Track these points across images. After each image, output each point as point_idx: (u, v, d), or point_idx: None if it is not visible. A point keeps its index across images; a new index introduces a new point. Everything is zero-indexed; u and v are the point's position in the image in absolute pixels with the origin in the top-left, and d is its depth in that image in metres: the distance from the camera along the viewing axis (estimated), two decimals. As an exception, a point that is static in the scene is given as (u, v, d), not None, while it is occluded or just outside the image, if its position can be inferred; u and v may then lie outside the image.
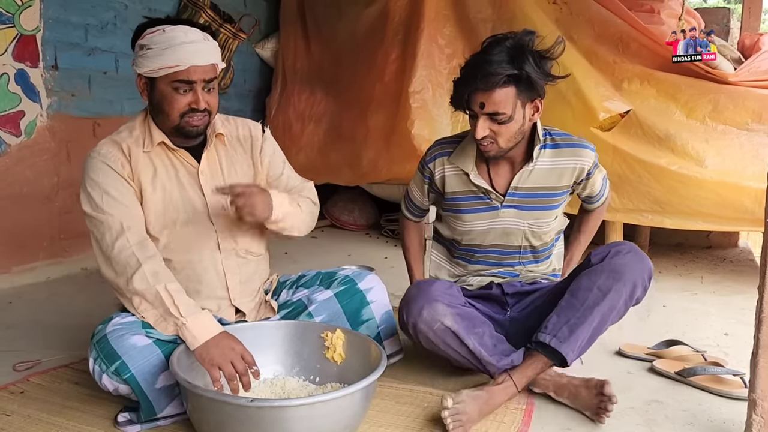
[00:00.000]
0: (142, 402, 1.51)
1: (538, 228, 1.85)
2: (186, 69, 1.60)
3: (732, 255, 3.89)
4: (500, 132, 1.70)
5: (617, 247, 1.69)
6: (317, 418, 1.35)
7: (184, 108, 1.64)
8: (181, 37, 1.61)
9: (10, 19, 2.93)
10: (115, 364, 1.50)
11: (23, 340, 2.26)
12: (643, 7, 3.85)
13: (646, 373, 2.00)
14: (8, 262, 3.01)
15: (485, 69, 1.63)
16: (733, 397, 1.79)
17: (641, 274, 1.65)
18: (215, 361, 1.47)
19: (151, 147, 1.71)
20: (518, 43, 1.66)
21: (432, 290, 1.69)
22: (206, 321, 1.54)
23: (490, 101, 1.65)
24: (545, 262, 1.96)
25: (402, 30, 4.02)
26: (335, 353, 1.71)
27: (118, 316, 1.62)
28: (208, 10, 3.86)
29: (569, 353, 1.61)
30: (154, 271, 1.56)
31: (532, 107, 1.73)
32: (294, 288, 1.95)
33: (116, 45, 3.51)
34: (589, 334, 1.62)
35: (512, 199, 1.83)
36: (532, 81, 1.64)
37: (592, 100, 3.31)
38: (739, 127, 3.12)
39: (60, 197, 3.25)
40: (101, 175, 1.66)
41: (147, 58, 1.61)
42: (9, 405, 1.71)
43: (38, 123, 3.11)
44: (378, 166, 3.90)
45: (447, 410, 1.53)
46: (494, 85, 1.63)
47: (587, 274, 1.67)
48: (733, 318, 2.61)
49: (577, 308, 1.63)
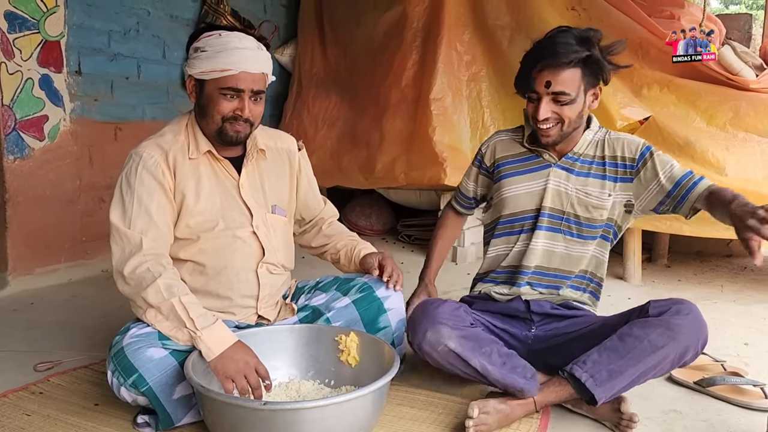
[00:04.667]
0: (160, 414, 1.53)
1: (586, 195, 1.80)
2: (236, 74, 1.62)
3: (753, 264, 3.84)
4: (563, 113, 1.72)
5: (679, 305, 1.63)
6: (330, 420, 1.36)
7: (228, 113, 1.66)
8: (236, 42, 1.64)
9: (35, 25, 2.99)
10: (132, 377, 1.50)
11: (44, 340, 2.29)
12: (663, 13, 3.82)
13: (664, 383, 1.98)
14: (31, 264, 3.06)
15: (556, 48, 1.67)
16: (752, 408, 1.76)
17: (696, 339, 1.59)
18: (229, 374, 1.47)
19: (197, 155, 1.72)
20: (584, 33, 1.72)
21: (437, 313, 1.66)
22: (221, 332, 1.54)
23: (557, 80, 1.68)
24: (589, 243, 1.83)
25: (420, 36, 4.04)
26: (349, 356, 1.72)
27: (135, 326, 1.62)
28: (229, 17, 3.90)
29: (602, 398, 1.60)
30: (168, 285, 1.56)
31: (592, 94, 1.76)
32: (312, 293, 1.97)
33: (138, 51, 3.57)
34: (626, 383, 1.60)
35: (566, 161, 1.83)
36: (599, 65, 1.70)
37: (609, 108, 3.29)
38: (761, 135, 3.09)
39: (82, 200, 3.30)
40: (138, 181, 1.65)
41: (200, 60, 1.64)
42: (29, 405, 1.73)
43: (61, 127, 3.16)
44: (393, 172, 3.90)
45: (472, 420, 1.54)
46: (564, 64, 1.67)
47: (642, 323, 1.62)
48: (754, 327, 2.57)
49: (622, 355, 1.59)
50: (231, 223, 1.74)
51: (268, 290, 1.83)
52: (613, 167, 1.82)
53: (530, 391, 1.64)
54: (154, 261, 1.59)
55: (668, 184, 1.74)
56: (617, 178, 1.81)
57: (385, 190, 4.20)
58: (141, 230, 1.61)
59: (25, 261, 3.03)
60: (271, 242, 1.81)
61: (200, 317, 1.53)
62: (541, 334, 1.83)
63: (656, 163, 1.77)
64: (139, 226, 1.62)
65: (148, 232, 1.62)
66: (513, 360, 1.68)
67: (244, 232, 1.76)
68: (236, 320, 1.79)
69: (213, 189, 1.73)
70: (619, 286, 3.26)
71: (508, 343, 1.80)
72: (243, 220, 1.76)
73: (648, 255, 3.71)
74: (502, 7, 3.82)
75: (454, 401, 1.78)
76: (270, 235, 1.81)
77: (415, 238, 4.17)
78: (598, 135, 1.85)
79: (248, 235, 1.77)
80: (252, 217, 1.77)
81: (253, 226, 1.77)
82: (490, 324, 1.82)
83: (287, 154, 1.91)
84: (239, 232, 1.75)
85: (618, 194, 1.81)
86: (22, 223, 3.01)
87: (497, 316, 1.87)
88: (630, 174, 1.80)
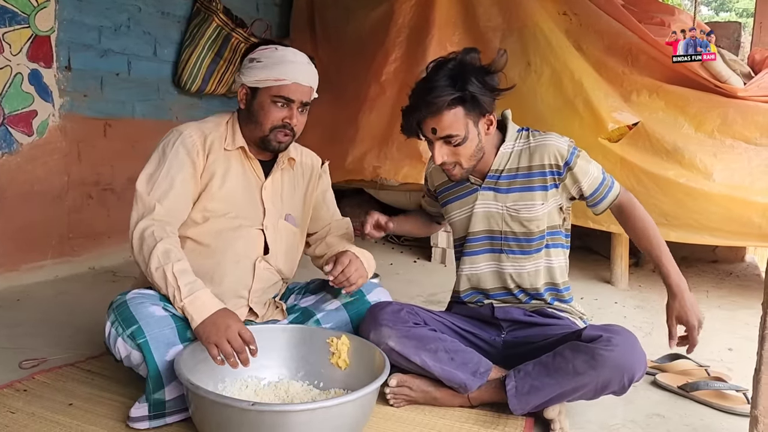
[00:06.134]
0: (151, 371, 1.53)
1: (516, 211, 1.79)
2: (289, 84, 1.74)
3: (738, 270, 3.88)
4: (459, 153, 1.73)
5: (611, 334, 1.59)
6: (318, 423, 1.36)
7: (278, 122, 1.76)
8: (291, 57, 1.77)
9: (25, 20, 2.97)
10: (131, 328, 1.55)
11: (30, 337, 2.28)
12: (653, 20, 3.85)
13: (648, 387, 2.00)
14: (17, 260, 3.03)
15: (429, 95, 1.66)
16: (735, 413, 1.79)
17: (620, 373, 1.55)
18: (212, 339, 1.50)
19: (232, 147, 1.81)
20: (460, 63, 1.69)
21: (379, 315, 1.76)
22: (204, 299, 1.57)
23: (441, 126, 1.69)
24: (535, 256, 1.82)
25: (406, 32, 4.06)
26: (340, 359, 1.72)
27: (137, 290, 1.70)
28: (221, 14, 3.89)
29: (517, 409, 1.65)
30: (166, 250, 1.60)
31: (485, 122, 1.75)
32: (302, 294, 2.00)
33: (129, 47, 3.55)
34: (542, 401, 1.63)
35: (490, 182, 1.83)
36: (477, 99, 1.67)
37: (601, 111, 3.31)
38: (748, 142, 3.11)
39: (70, 196, 3.28)
40: (173, 152, 1.74)
41: (256, 70, 1.75)
42: (14, 402, 1.72)
43: (50, 123, 3.14)
44: (362, 165, 3.91)
45: (388, 388, 1.72)
46: (440, 110, 1.66)
47: (574, 346, 1.61)
48: (738, 333, 2.60)
49: (549, 373, 1.62)
50: (244, 215, 1.81)
51: (261, 285, 1.86)
52: (541, 176, 1.78)
53: (470, 387, 1.70)
54: (160, 226, 1.65)
55: (587, 191, 1.79)
56: (547, 186, 1.79)
57: (375, 191, 4.20)
58: (158, 198, 1.69)
59: (10, 257, 3.00)
60: (275, 244, 1.87)
61: (186, 285, 1.57)
62: (511, 340, 1.84)
63: (577, 174, 1.77)
64: (158, 194, 1.70)
65: (164, 201, 1.70)
66: (464, 355, 1.73)
67: (253, 227, 1.82)
68: None
69: (238, 182, 1.82)
70: (606, 290, 3.29)
71: (479, 348, 1.84)
72: (256, 217, 1.84)
73: (635, 260, 3.74)
74: (494, 10, 3.83)
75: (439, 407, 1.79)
76: (276, 238, 1.87)
77: (405, 239, 4.18)
78: (519, 145, 1.82)
79: (256, 230, 1.83)
80: (265, 217, 1.84)
81: (263, 225, 1.84)
82: (458, 328, 1.86)
83: (310, 170, 2.00)
84: (248, 225, 1.82)
85: (551, 201, 1.80)
86: (9, 218, 2.99)
87: (468, 320, 1.90)
88: (557, 180, 1.79)
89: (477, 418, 1.70)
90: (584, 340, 1.61)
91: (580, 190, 1.79)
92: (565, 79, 3.46)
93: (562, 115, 3.41)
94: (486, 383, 1.72)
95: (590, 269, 3.69)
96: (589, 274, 3.59)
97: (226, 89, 4.12)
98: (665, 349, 2.22)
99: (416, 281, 3.35)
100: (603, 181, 1.80)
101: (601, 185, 1.79)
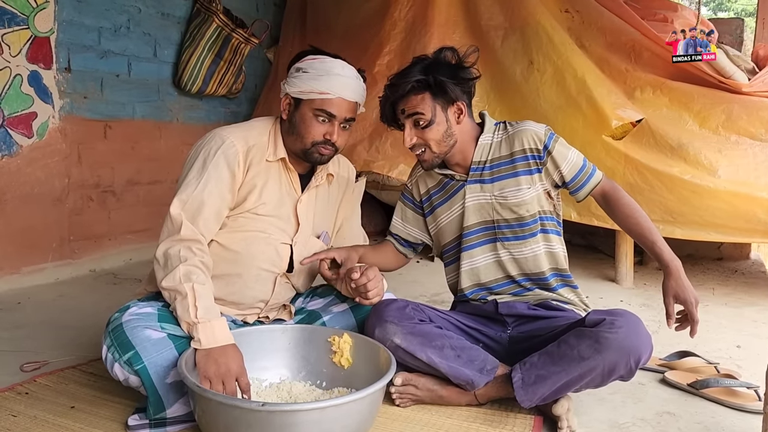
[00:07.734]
0: (151, 396, 1.50)
1: (504, 198, 1.80)
2: (333, 99, 1.69)
3: (743, 267, 3.86)
4: (427, 136, 1.76)
5: (614, 317, 1.59)
6: (327, 422, 1.34)
7: (318, 137, 1.71)
8: (338, 69, 1.72)
9: (25, 21, 2.95)
10: (128, 354, 1.51)
11: (31, 340, 2.26)
12: (656, 17, 3.83)
13: (658, 385, 1.97)
14: (18, 263, 3.02)
15: (398, 80, 1.77)
16: (746, 410, 1.76)
17: (626, 355, 1.55)
18: (208, 374, 1.45)
19: (273, 158, 1.76)
20: (434, 58, 1.79)
21: (384, 311, 1.75)
22: (218, 329, 1.52)
23: (409, 105, 1.76)
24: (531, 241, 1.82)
25: (402, 25, 4.05)
26: (342, 357, 1.70)
27: (135, 305, 1.63)
28: (221, 15, 3.87)
29: (525, 401, 1.63)
30: (188, 271, 1.55)
31: (454, 110, 1.79)
32: (310, 297, 1.99)
33: (129, 48, 3.54)
34: (550, 390, 1.61)
35: (474, 174, 1.84)
36: (443, 85, 1.73)
37: (604, 108, 3.29)
38: (753, 138, 3.09)
39: (70, 198, 3.26)
40: (213, 165, 1.68)
41: (301, 80, 1.70)
42: (15, 405, 1.70)
43: (50, 124, 3.12)
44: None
45: (393, 387, 1.70)
46: (408, 92, 1.75)
47: (578, 333, 1.61)
48: (746, 330, 2.58)
49: (555, 361, 1.61)
50: (275, 227, 1.78)
51: (278, 300, 1.87)
52: (523, 161, 1.81)
53: (478, 384, 1.69)
54: (186, 246, 1.60)
55: (568, 176, 1.80)
56: (531, 170, 1.81)
57: (377, 191, 4.18)
58: (190, 216, 1.64)
59: (11, 260, 2.98)
60: (305, 267, 1.86)
61: (205, 308, 1.53)
62: (517, 335, 1.83)
63: (556, 158, 1.79)
64: (190, 212, 1.64)
65: (197, 219, 1.64)
66: (471, 352, 1.72)
67: (283, 240, 1.79)
68: (233, 315, 1.80)
69: (275, 193, 1.78)
70: (611, 289, 3.27)
71: (485, 345, 1.83)
72: (288, 231, 1.80)
73: (639, 258, 3.72)
74: (496, 8, 3.80)
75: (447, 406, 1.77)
76: (303, 255, 1.84)
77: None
78: (498, 136, 1.85)
79: (284, 245, 1.80)
80: (297, 233, 1.81)
81: (293, 240, 1.81)
82: (463, 325, 1.85)
83: (345, 183, 1.97)
84: (278, 238, 1.78)
85: (537, 185, 1.81)
86: (9, 221, 2.97)
87: (473, 317, 1.89)
88: (539, 165, 1.81)
89: (485, 418, 1.68)
90: (588, 325, 1.61)
91: (561, 175, 1.81)
92: (568, 77, 3.44)
93: (565, 113, 3.40)
94: (492, 380, 1.70)
95: (594, 268, 3.67)
96: (594, 273, 3.57)
97: (226, 90, 4.11)
98: (673, 347, 2.21)
99: (419, 281, 3.33)
100: (583, 167, 1.81)
101: (581, 171, 1.81)
